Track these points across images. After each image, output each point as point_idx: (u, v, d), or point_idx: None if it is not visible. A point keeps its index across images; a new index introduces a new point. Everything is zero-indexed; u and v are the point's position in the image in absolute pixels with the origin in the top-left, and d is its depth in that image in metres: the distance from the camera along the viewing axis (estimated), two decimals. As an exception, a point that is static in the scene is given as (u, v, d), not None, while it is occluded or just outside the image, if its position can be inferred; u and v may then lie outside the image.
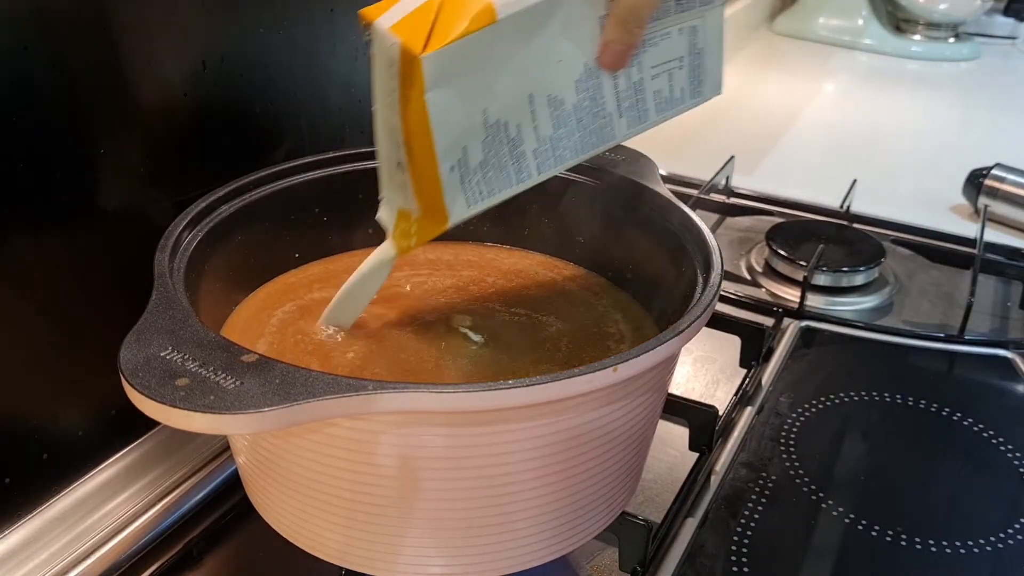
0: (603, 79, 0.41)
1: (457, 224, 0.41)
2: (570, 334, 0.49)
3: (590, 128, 0.42)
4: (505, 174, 0.41)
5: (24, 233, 0.42)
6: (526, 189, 0.42)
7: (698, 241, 0.46)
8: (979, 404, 0.64)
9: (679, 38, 0.43)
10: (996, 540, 0.52)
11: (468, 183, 0.40)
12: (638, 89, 0.42)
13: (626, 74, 0.42)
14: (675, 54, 0.43)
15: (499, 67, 0.38)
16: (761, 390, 0.64)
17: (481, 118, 0.39)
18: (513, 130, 0.40)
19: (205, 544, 0.49)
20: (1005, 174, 0.90)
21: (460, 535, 0.39)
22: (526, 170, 0.41)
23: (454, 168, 0.39)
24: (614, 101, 0.42)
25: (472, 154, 0.39)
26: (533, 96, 0.40)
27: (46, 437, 0.45)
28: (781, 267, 0.79)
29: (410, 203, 0.41)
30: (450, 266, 0.55)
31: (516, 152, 0.40)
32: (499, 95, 0.39)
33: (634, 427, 0.41)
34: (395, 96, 0.38)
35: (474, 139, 0.39)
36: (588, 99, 0.41)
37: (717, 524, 0.52)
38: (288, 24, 0.54)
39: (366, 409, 0.34)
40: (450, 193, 0.40)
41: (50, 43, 0.41)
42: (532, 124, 0.40)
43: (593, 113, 0.42)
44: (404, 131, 0.39)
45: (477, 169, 0.40)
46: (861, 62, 1.49)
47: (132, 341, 0.34)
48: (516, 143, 0.40)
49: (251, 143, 0.54)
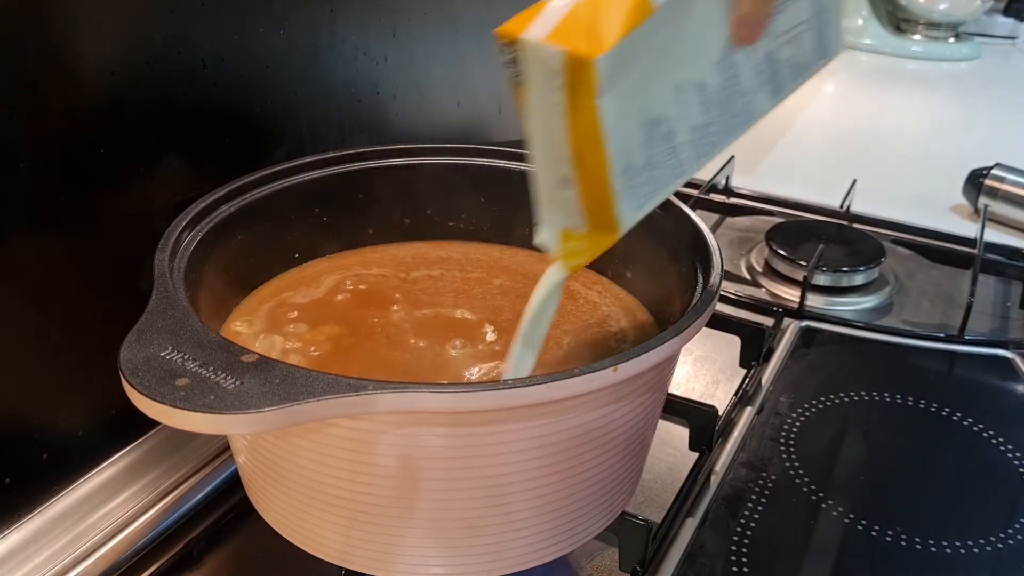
0: (738, 56, 0.40)
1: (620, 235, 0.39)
2: (572, 333, 0.49)
3: (735, 108, 0.41)
4: (664, 171, 0.39)
5: (24, 233, 0.42)
6: (680, 184, 0.41)
7: (698, 241, 0.46)
8: (979, 404, 0.64)
9: (803, 2, 0.42)
10: (996, 540, 0.52)
11: (635, 187, 0.39)
12: (772, 60, 0.42)
13: (759, 47, 0.41)
14: (801, 18, 0.42)
15: (654, 60, 0.37)
16: (761, 390, 0.64)
17: (641, 117, 0.38)
18: (667, 124, 0.39)
19: (205, 544, 0.49)
20: (1005, 174, 0.90)
21: (460, 535, 0.39)
22: (682, 164, 0.40)
23: (623, 173, 0.38)
24: (752, 76, 0.41)
25: (636, 156, 0.38)
26: (682, 85, 0.39)
27: (46, 437, 0.45)
28: (781, 267, 0.79)
29: (576, 220, 0.40)
30: (460, 266, 0.55)
31: (671, 146, 0.39)
32: (653, 90, 0.38)
33: (634, 427, 0.41)
34: (558, 109, 0.37)
35: (636, 140, 0.38)
36: (728, 79, 0.40)
37: (717, 524, 0.52)
38: (288, 24, 0.54)
39: (366, 409, 0.34)
40: (621, 200, 0.38)
41: (49, 42, 0.41)
42: (683, 114, 0.39)
43: (734, 92, 0.41)
44: (573, 144, 0.37)
45: (641, 170, 0.38)
46: (861, 62, 1.49)
47: (132, 341, 0.34)
48: (671, 136, 0.39)
49: (251, 143, 0.54)
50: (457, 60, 0.72)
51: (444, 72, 0.71)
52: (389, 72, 0.64)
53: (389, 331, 0.48)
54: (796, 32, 0.42)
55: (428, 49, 0.68)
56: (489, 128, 0.79)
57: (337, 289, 0.51)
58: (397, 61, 0.64)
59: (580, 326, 0.50)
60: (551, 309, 0.43)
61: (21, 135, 0.41)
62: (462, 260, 0.56)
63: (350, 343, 0.47)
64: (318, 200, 0.53)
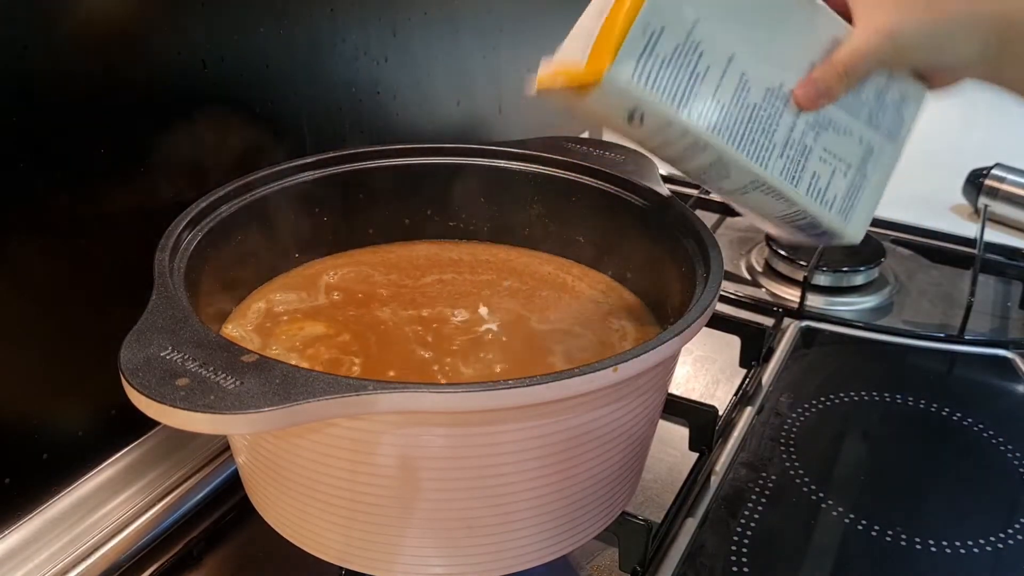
0: (786, 111, 0.41)
1: (609, 88, 0.39)
2: (572, 333, 0.49)
3: (752, 135, 0.41)
4: (673, 89, 0.40)
5: (24, 233, 0.42)
6: (676, 126, 0.40)
7: (698, 241, 0.46)
8: (979, 404, 0.64)
9: (856, 146, 0.43)
10: (996, 540, 0.52)
11: (644, 60, 0.39)
12: (804, 151, 0.42)
13: (805, 125, 0.42)
14: (847, 156, 0.43)
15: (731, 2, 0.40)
16: (761, 390, 0.64)
17: (688, 26, 0.39)
18: (703, 64, 0.40)
19: (205, 544, 0.49)
20: (1005, 174, 0.90)
21: (460, 535, 0.39)
22: (687, 108, 0.40)
23: (643, 33, 0.38)
24: (783, 137, 0.42)
25: (662, 44, 0.39)
26: (734, 57, 0.40)
27: (46, 437, 0.45)
28: (781, 267, 0.79)
29: (582, 55, 0.40)
30: (471, 268, 0.55)
31: (691, 82, 0.40)
32: (713, 25, 0.39)
33: (634, 427, 0.41)
34: None
35: (671, 35, 0.39)
36: (766, 111, 0.41)
37: (717, 524, 0.52)
38: (288, 24, 0.54)
39: (366, 409, 0.34)
40: (626, 50, 0.38)
41: (49, 42, 0.41)
42: (718, 79, 0.40)
43: (763, 128, 0.41)
44: None
45: (658, 59, 0.39)
46: (861, 62, 1.48)
47: (132, 341, 0.34)
48: (696, 76, 0.40)
49: (251, 143, 0.54)
50: (457, 60, 0.72)
51: (444, 72, 0.71)
52: (389, 72, 0.64)
53: (390, 330, 0.48)
54: (836, 163, 0.43)
55: (428, 49, 0.68)
56: (489, 128, 0.79)
57: (338, 289, 0.51)
58: (397, 61, 0.64)
59: (581, 326, 0.50)
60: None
61: (21, 135, 0.41)
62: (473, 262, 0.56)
63: (351, 343, 0.47)
64: (318, 200, 0.53)
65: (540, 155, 0.55)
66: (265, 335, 0.47)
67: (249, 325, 0.48)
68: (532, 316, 0.51)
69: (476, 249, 0.57)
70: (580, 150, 0.56)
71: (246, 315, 0.49)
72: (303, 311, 0.49)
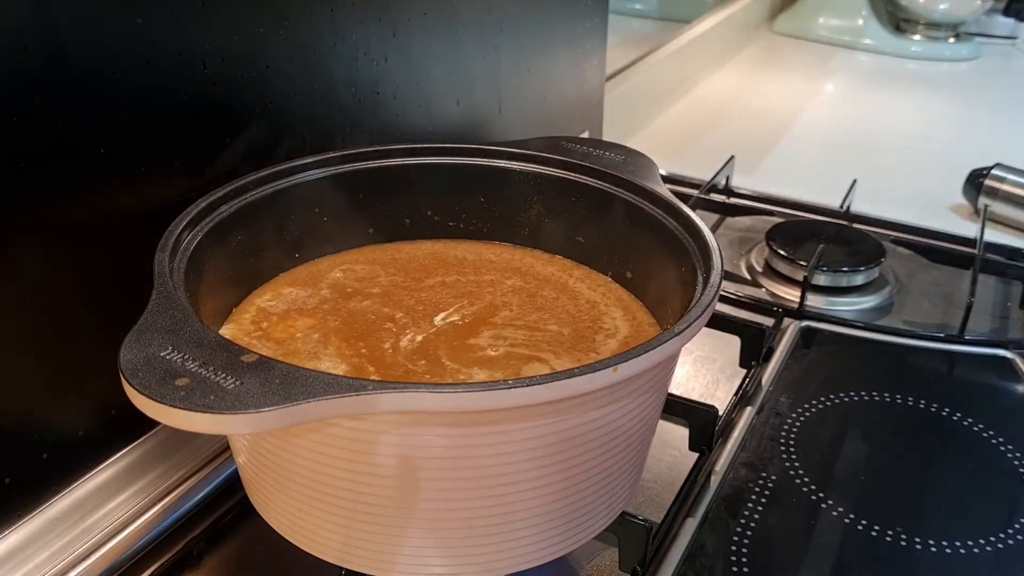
0: None
1: None
2: (574, 332, 0.49)
3: None
4: None
5: (24, 233, 0.42)
6: None
7: (698, 241, 0.46)
8: (979, 404, 0.64)
9: None
10: (996, 540, 0.52)
11: None
12: None
13: None
14: None
15: None
16: (761, 390, 0.64)
17: None
18: None
19: (205, 544, 0.49)
20: (1005, 174, 0.90)
21: (460, 535, 0.39)
22: None
23: None
24: None
25: None
26: None
27: (46, 437, 0.45)
28: (781, 267, 0.79)
29: None
30: (475, 268, 0.55)
31: None
32: None
33: (634, 427, 0.41)
34: None
35: None
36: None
37: (717, 524, 0.52)
38: (288, 24, 0.54)
39: (366, 409, 0.34)
40: None
41: (50, 43, 0.41)
42: None
43: None
44: None
45: None
46: (861, 62, 1.49)
47: (132, 341, 0.34)
48: None
49: (251, 143, 0.54)
50: (457, 60, 0.72)
51: (444, 72, 0.71)
52: (389, 72, 0.64)
53: (390, 330, 0.48)
54: None
55: (428, 49, 0.68)
56: (489, 128, 0.79)
57: (339, 288, 0.51)
58: (397, 61, 0.64)
59: (580, 326, 0.50)
60: None
61: (21, 135, 0.41)
62: (477, 261, 0.56)
63: (351, 343, 0.47)
64: (318, 200, 0.53)
65: (540, 155, 0.55)
66: (265, 335, 0.47)
67: (249, 325, 0.48)
68: (533, 316, 0.51)
69: (480, 248, 0.57)
70: (580, 150, 0.56)
71: (246, 315, 0.49)
72: (303, 310, 0.49)
